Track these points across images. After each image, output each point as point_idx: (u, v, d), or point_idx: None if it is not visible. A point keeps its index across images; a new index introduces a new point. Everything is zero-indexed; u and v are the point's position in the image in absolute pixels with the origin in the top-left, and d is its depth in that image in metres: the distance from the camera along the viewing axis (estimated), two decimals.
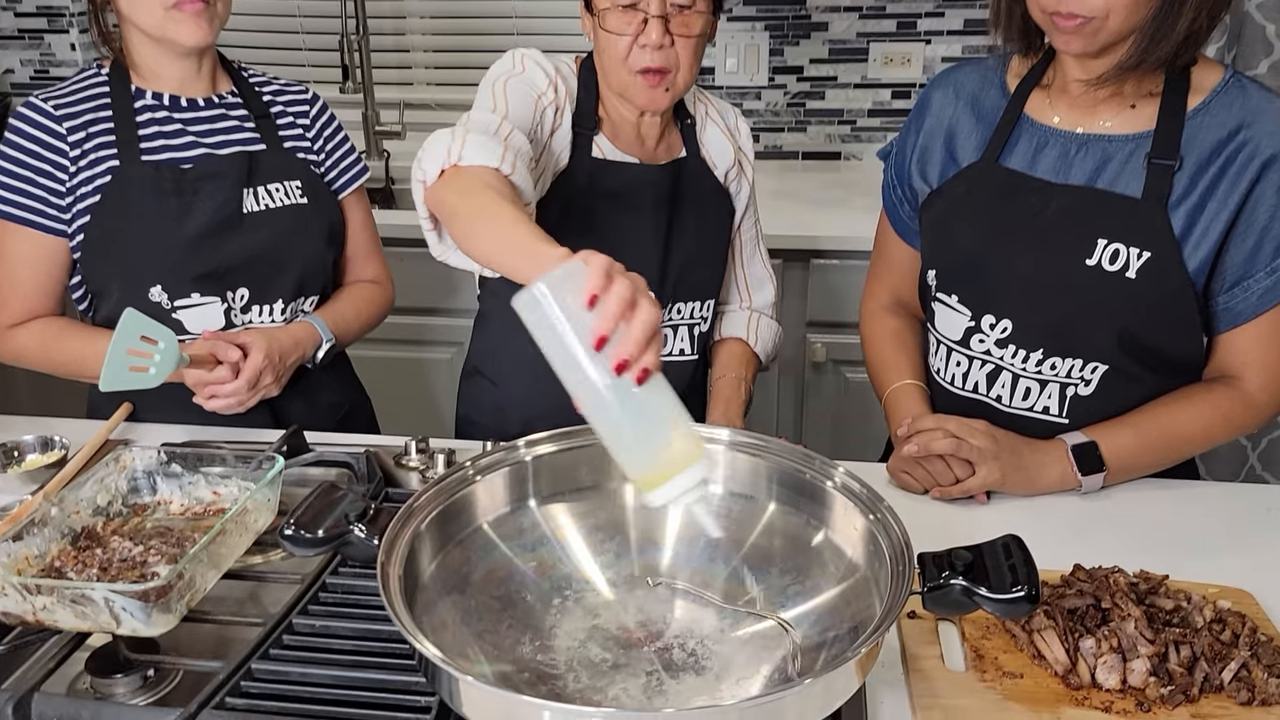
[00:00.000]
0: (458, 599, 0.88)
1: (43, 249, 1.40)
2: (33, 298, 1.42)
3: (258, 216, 1.45)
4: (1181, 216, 1.14)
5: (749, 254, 1.55)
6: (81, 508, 1.06)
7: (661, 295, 1.41)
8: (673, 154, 1.43)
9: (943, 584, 0.80)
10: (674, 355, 1.47)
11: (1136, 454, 1.20)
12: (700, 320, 1.47)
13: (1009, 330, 1.22)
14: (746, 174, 1.50)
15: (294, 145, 1.52)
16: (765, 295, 1.58)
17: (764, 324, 1.56)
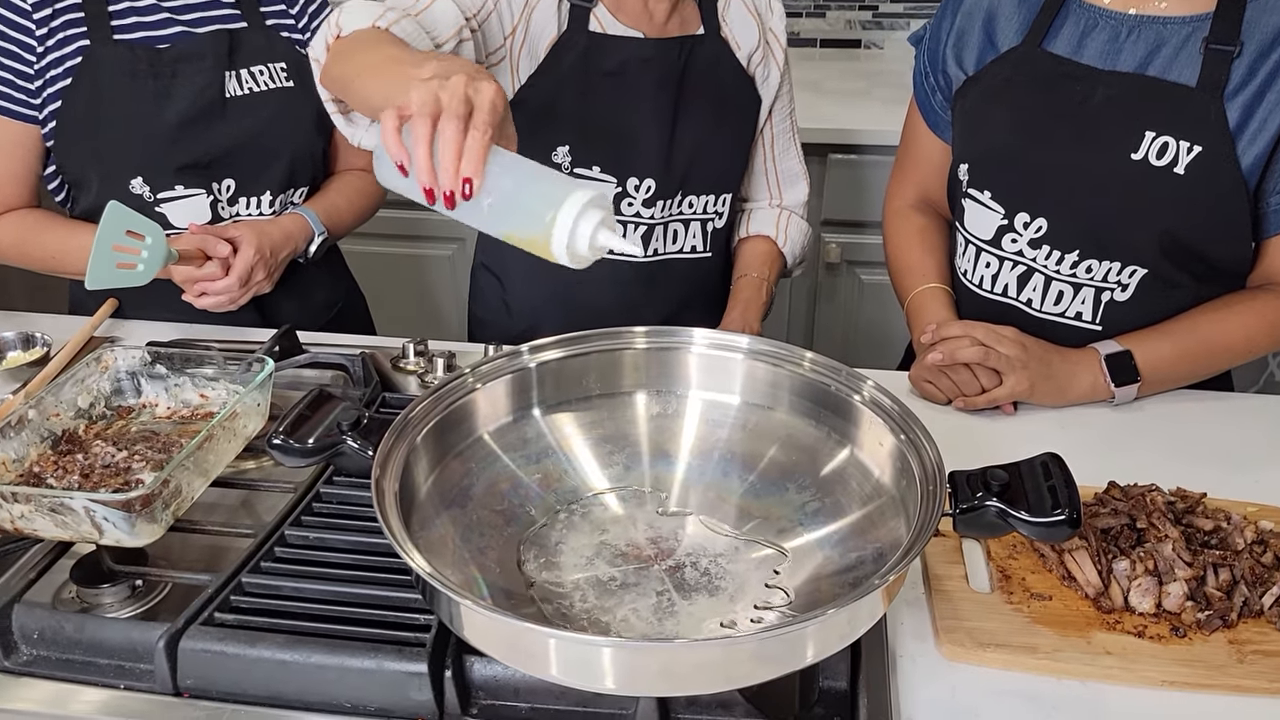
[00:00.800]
0: (457, 514, 0.83)
1: (13, 136, 1.32)
2: (5, 188, 1.35)
3: (241, 101, 1.37)
4: (1238, 108, 1.06)
5: (782, 147, 1.44)
6: (62, 410, 1.01)
7: (666, 185, 1.32)
8: (686, 30, 1.31)
9: (977, 505, 0.74)
10: (684, 252, 1.38)
11: (1174, 364, 1.14)
12: (714, 216, 1.38)
13: (1044, 229, 1.15)
14: (776, 58, 1.37)
15: (276, 23, 1.42)
16: (798, 193, 1.47)
17: (794, 223, 1.46)
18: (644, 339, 0.92)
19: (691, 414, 0.93)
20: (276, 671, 0.76)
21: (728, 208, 1.39)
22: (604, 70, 1.26)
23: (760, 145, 1.42)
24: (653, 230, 1.34)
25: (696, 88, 1.31)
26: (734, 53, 1.33)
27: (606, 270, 1.34)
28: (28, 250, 1.36)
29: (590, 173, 1.29)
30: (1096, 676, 0.81)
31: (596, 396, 0.93)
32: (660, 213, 1.33)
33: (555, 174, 0.78)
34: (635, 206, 1.32)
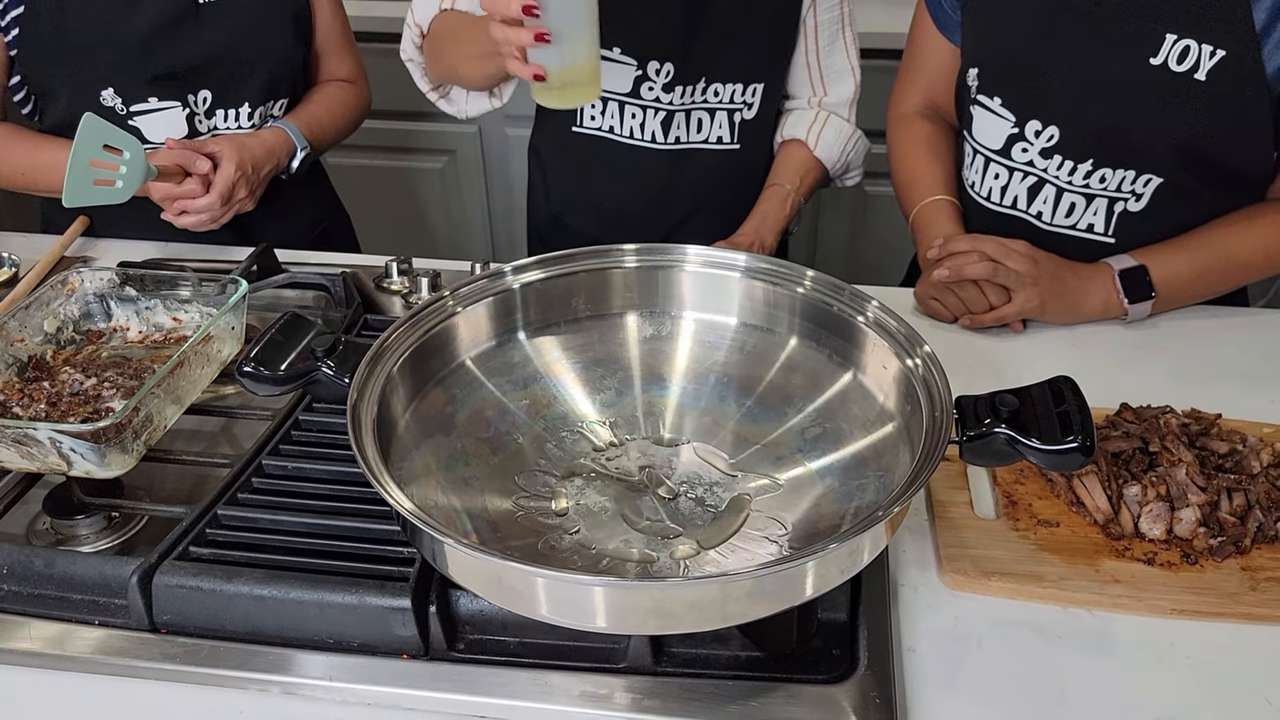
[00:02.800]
0: (440, 443, 0.79)
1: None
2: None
3: (215, 8, 1.30)
4: (1266, 8, 0.99)
5: (827, 39, 1.33)
6: (27, 335, 0.96)
7: (687, 70, 1.26)
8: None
9: (985, 432, 0.70)
10: (710, 143, 1.32)
11: (1190, 280, 1.09)
12: (743, 106, 1.31)
13: (1055, 138, 1.09)
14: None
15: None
16: (842, 90, 1.37)
17: (832, 124, 1.35)
18: (634, 257, 0.87)
19: (686, 336, 0.88)
20: (255, 607, 0.74)
21: (759, 99, 1.31)
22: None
23: (803, 36, 1.32)
24: (673, 117, 1.29)
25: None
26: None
27: (628, 155, 1.31)
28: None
29: (610, 53, 1.25)
30: (1104, 605, 0.78)
31: (585, 318, 0.88)
32: (681, 99, 1.28)
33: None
34: (655, 91, 1.28)
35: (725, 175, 1.35)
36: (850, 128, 1.37)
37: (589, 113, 1.32)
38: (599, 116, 1.32)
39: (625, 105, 1.29)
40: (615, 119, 1.31)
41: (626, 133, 1.31)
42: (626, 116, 1.30)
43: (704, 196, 1.35)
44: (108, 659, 0.74)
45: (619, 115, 1.30)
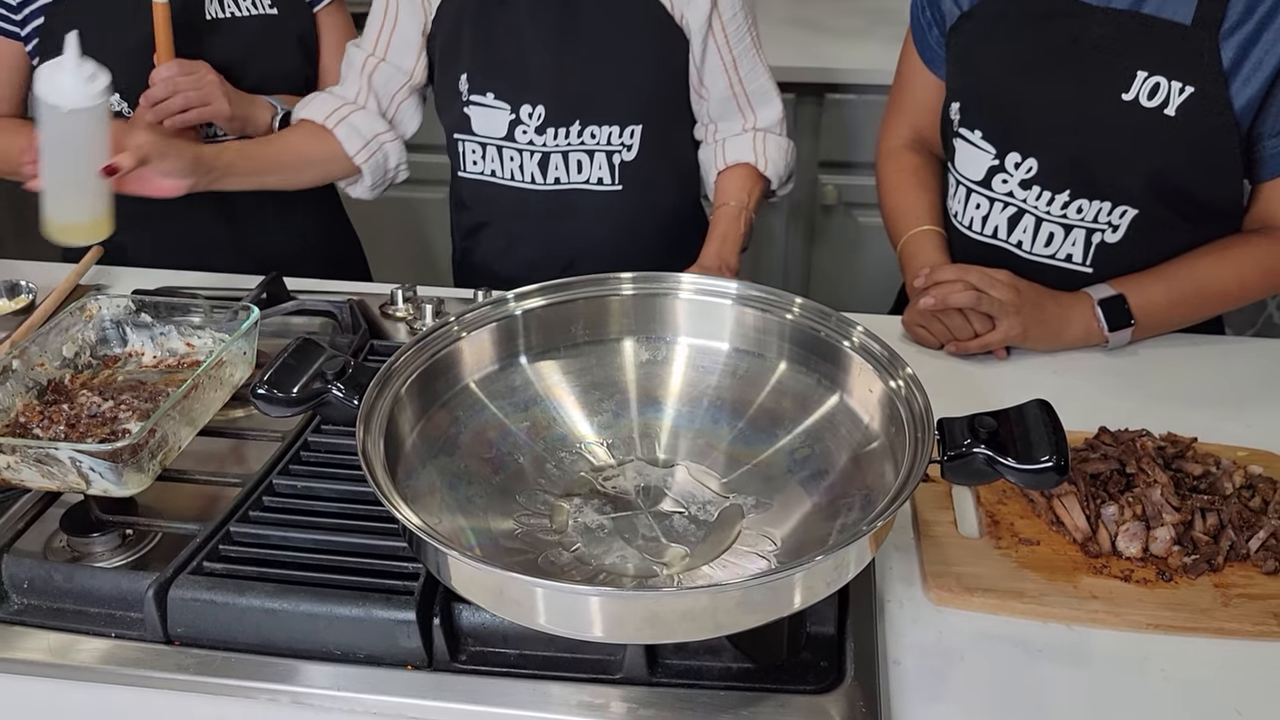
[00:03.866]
0: (444, 462, 0.83)
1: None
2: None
3: (222, 24, 1.37)
4: (1233, 47, 1.03)
5: (747, 67, 1.35)
6: (47, 360, 1.00)
7: (559, 113, 1.29)
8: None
9: (965, 453, 0.74)
10: (590, 184, 1.34)
11: (1168, 308, 1.13)
12: (621, 148, 1.33)
13: (1034, 170, 1.13)
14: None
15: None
16: (772, 111, 1.39)
17: (772, 141, 1.38)
18: (631, 285, 0.91)
19: (680, 360, 0.92)
20: (266, 620, 0.77)
21: (638, 140, 1.33)
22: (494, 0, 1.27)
23: (723, 70, 1.34)
24: (549, 158, 1.32)
25: (592, 15, 1.27)
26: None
27: (512, 196, 1.35)
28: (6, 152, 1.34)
29: (485, 99, 1.30)
30: (1083, 620, 0.81)
31: (584, 344, 0.92)
32: (556, 141, 1.31)
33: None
34: (529, 134, 1.31)
35: (610, 216, 1.36)
36: (787, 141, 1.41)
37: (470, 158, 1.35)
38: (480, 161, 1.35)
39: (502, 149, 1.32)
40: (495, 162, 1.34)
41: (507, 175, 1.34)
42: (505, 159, 1.33)
43: (590, 236, 1.37)
44: (123, 670, 0.77)
45: (498, 159, 1.33)
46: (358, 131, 1.33)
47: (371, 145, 1.34)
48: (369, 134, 1.34)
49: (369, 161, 1.35)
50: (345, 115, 1.33)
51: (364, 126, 1.34)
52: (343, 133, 1.33)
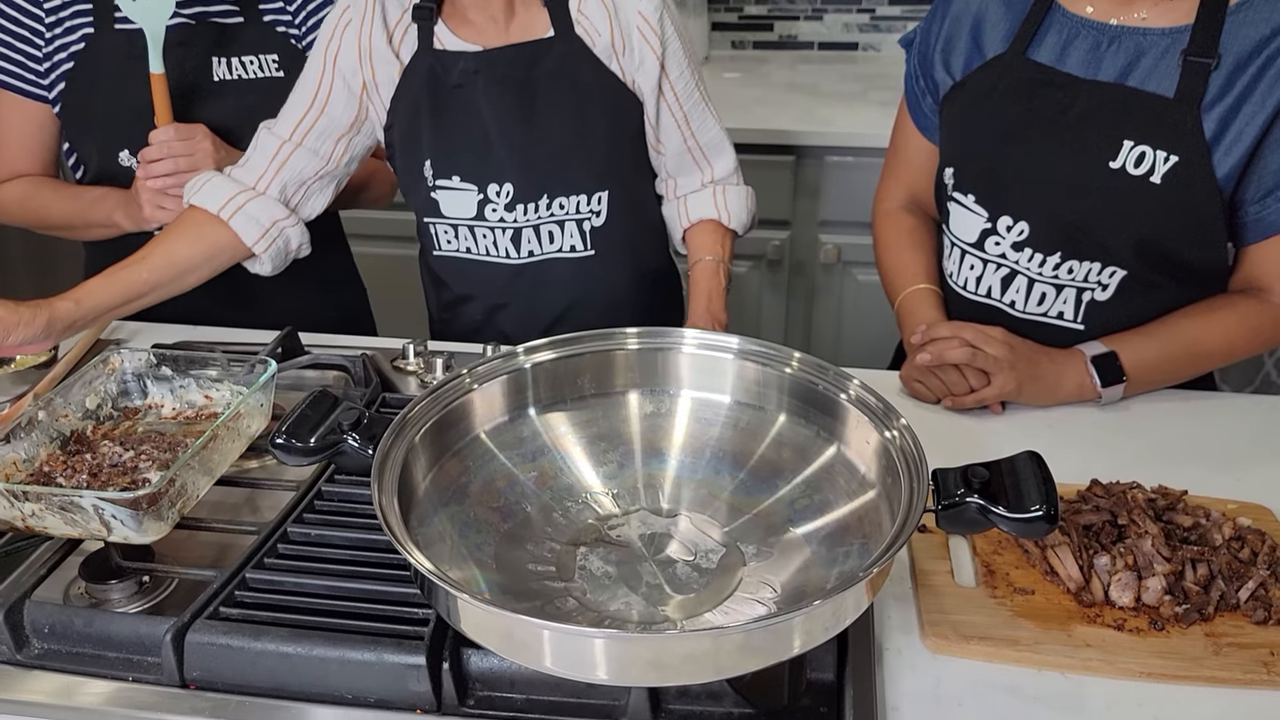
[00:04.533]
0: (455, 510, 0.86)
1: (25, 112, 1.44)
2: (18, 159, 1.46)
3: (228, 86, 1.43)
4: (1215, 119, 1.08)
5: (697, 121, 1.37)
6: (70, 411, 1.03)
7: (526, 189, 1.31)
8: (533, 34, 1.29)
9: (958, 502, 0.76)
10: (564, 252, 1.37)
11: (1158, 365, 1.16)
12: (590, 215, 1.36)
13: (1025, 233, 1.17)
14: (651, 44, 1.30)
15: (274, 19, 1.47)
16: (726, 161, 1.42)
17: (731, 193, 1.41)
18: (636, 339, 0.94)
19: (683, 413, 0.95)
20: (280, 664, 0.79)
21: (605, 205, 1.35)
22: (450, 85, 1.29)
23: (676, 127, 1.37)
24: (521, 233, 1.34)
25: (548, 90, 1.30)
26: (591, 50, 1.30)
27: (488, 271, 1.38)
28: (29, 208, 1.46)
29: (451, 182, 1.31)
30: (1077, 668, 0.83)
31: (590, 396, 0.95)
32: (526, 216, 1.33)
33: None
34: (499, 211, 1.32)
35: (584, 279, 1.39)
36: (745, 189, 1.44)
37: (444, 239, 1.37)
38: (454, 240, 1.37)
39: (474, 228, 1.35)
40: (469, 240, 1.36)
41: (482, 251, 1.36)
42: (478, 237, 1.35)
43: (567, 301, 1.40)
44: (140, 713, 0.79)
45: (471, 237, 1.35)
46: (255, 220, 1.32)
47: (271, 233, 1.33)
48: (267, 222, 1.32)
49: (269, 250, 1.34)
50: (242, 204, 1.31)
51: (262, 215, 1.32)
52: (239, 223, 1.31)
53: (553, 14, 1.29)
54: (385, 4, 1.30)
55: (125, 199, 1.40)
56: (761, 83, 2.46)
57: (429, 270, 1.47)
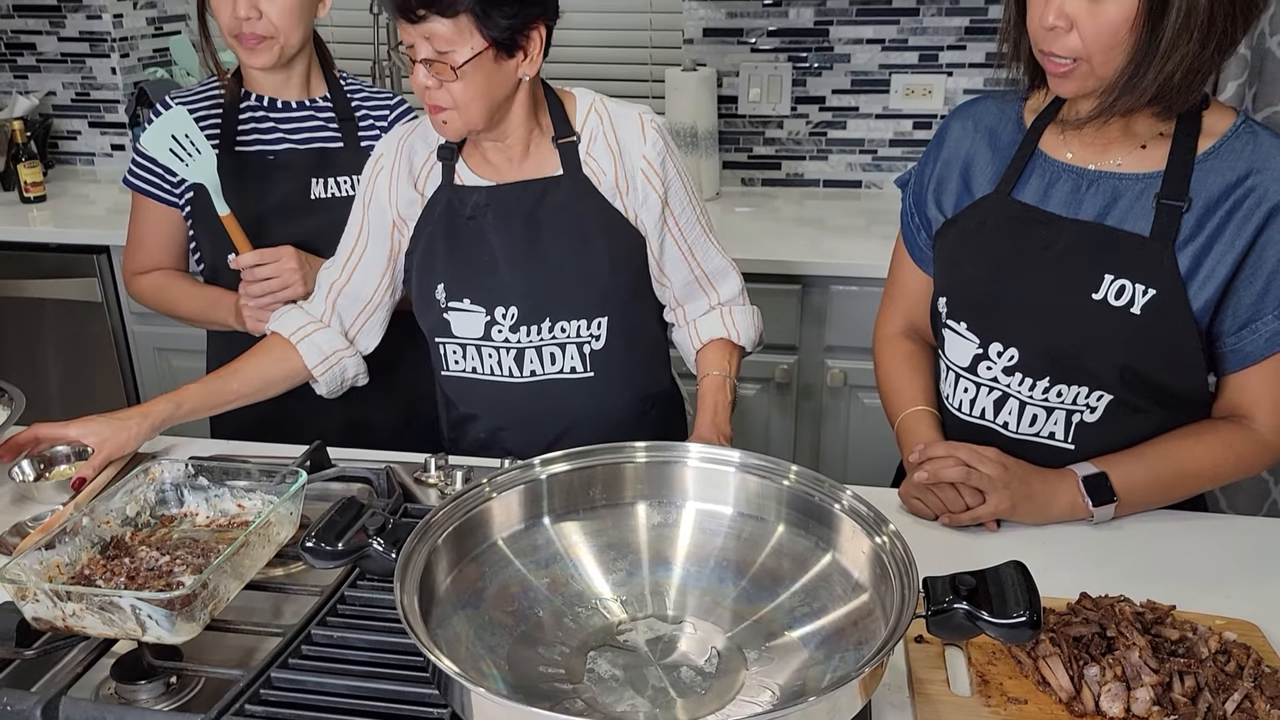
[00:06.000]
0: (471, 613, 0.90)
1: (162, 216, 1.68)
2: (154, 253, 1.70)
3: (324, 203, 1.62)
4: (1188, 257, 1.15)
5: (701, 251, 1.49)
6: (111, 518, 1.10)
7: (530, 312, 1.42)
8: (543, 172, 1.42)
9: (946, 608, 0.81)
10: (564, 373, 1.45)
11: (1147, 487, 1.21)
12: (590, 339, 1.44)
13: (1015, 358, 1.24)
14: (654, 185, 1.42)
15: (370, 144, 1.65)
16: (731, 285, 1.53)
17: (739, 313, 1.53)
18: (644, 453, 1.01)
19: (688, 523, 1.01)
20: None
21: (604, 330, 1.44)
22: (464, 216, 1.43)
23: (682, 258, 1.47)
24: (524, 353, 1.44)
25: (553, 223, 1.41)
26: (597, 188, 1.41)
27: (492, 390, 1.48)
28: (163, 299, 1.70)
29: (462, 305, 1.43)
30: None
31: (601, 506, 1.01)
32: (529, 338, 1.43)
33: None
34: (504, 333, 1.43)
35: (584, 400, 1.47)
36: (752, 308, 1.55)
37: (452, 358, 1.48)
38: (461, 360, 1.47)
39: (480, 348, 1.45)
40: (475, 360, 1.46)
41: (487, 371, 1.46)
42: (484, 357, 1.45)
43: (567, 420, 1.48)
44: None
45: (477, 356, 1.46)
46: (319, 349, 1.48)
47: (330, 360, 1.49)
48: (329, 350, 1.49)
49: (326, 375, 1.49)
50: (310, 333, 1.48)
51: (325, 344, 1.49)
52: (305, 349, 1.48)
53: (563, 155, 1.42)
54: (413, 147, 1.46)
55: (237, 305, 1.59)
56: (770, 217, 2.59)
57: (441, 390, 1.57)
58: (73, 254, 2.55)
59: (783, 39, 2.68)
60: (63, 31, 2.95)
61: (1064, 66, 1.12)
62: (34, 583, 0.94)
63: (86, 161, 3.12)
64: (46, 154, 2.99)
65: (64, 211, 2.73)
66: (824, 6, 2.64)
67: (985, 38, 2.58)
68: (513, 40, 1.30)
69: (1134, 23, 1.06)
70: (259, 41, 1.53)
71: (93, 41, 2.94)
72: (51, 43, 2.97)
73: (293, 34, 1.55)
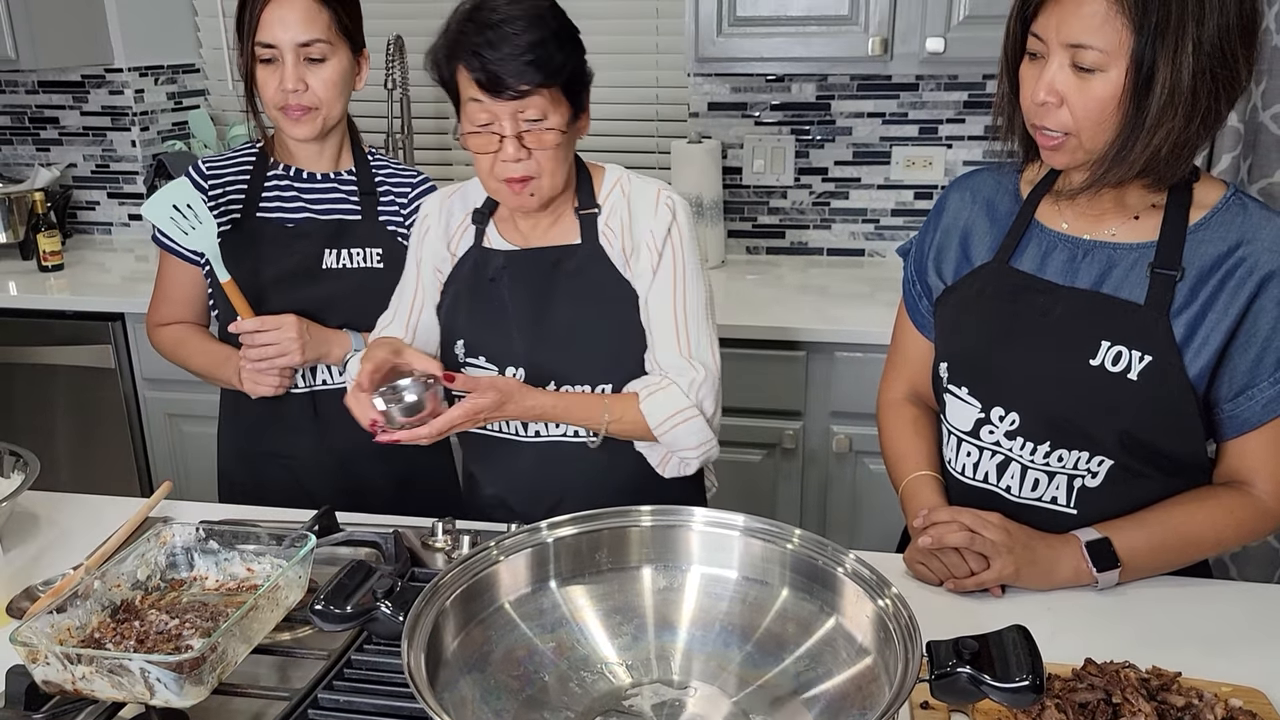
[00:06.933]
0: (478, 677, 0.91)
1: (184, 273, 1.73)
2: (176, 307, 1.76)
3: (331, 272, 1.67)
4: (1183, 324, 1.18)
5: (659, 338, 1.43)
6: (122, 581, 1.11)
7: (537, 374, 1.44)
8: (563, 240, 1.46)
9: (950, 672, 0.81)
10: (568, 436, 1.47)
11: (1150, 552, 1.21)
12: None
13: (1017, 423, 1.25)
14: (652, 254, 1.42)
15: (388, 219, 1.70)
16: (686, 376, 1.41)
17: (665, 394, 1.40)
18: (649, 517, 1.02)
19: (693, 587, 1.01)
20: None
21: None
22: (487, 278, 1.48)
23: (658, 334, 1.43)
24: None
25: (565, 289, 1.45)
26: (608, 256, 1.45)
27: (501, 448, 1.51)
28: (180, 353, 1.75)
29: (478, 361, 1.48)
30: None
31: (607, 570, 1.02)
32: None
33: None
34: None
35: (586, 464, 1.47)
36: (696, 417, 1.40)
37: None
38: None
39: None
40: None
41: (497, 428, 1.49)
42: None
43: (569, 483, 1.49)
44: None
45: None
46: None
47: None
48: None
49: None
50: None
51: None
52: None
53: (583, 225, 1.46)
54: (452, 209, 1.53)
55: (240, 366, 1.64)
56: (775, 284, 2.62)
57: (461, 443, 1.59)
58: (87, 321, 2.59)
59: (785, 112, 2.74)
60: (85, 106, 3.03)
61: (1055, 140, 1.15)
62: (45, 645, 0.95)
63: (104, 231, 3.18)
64: (65, 224, 3.05)
65: (80, 279, 2.78)
66: (825, 82, 2.71)
67: (983, 111, 2.65)
68: (581, 102, 1.39)
69: (1120, 99, 1.10)
70: (304, 113, 1.60)
71: (114, 115, 3.02)
72: (74, 116, 3.05)
73: (334, 106, 1.63)
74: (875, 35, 2.33)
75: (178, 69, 3.10)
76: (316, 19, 1.57)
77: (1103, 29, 1.08)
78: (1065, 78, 1.12)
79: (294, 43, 1.56)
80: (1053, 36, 1.12)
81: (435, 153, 3.04)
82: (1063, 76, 1.12)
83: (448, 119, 3.01)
